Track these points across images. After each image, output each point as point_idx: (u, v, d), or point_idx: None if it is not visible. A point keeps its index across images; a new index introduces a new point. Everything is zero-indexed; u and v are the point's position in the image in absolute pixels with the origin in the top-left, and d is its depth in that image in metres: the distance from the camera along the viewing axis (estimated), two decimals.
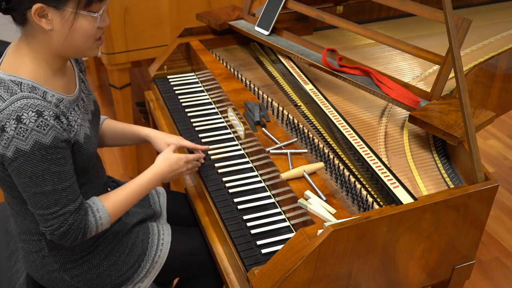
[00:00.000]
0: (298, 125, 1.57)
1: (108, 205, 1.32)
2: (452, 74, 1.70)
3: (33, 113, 1.15)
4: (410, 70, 1.89)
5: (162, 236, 1.52)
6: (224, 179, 1.51)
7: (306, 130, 1.56)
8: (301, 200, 1.29)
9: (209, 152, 1.62)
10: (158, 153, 1.53)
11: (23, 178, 1.18)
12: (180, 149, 1.63)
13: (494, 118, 1.48)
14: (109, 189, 1.54)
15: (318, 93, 1.68)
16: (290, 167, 1.38)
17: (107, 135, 1.60)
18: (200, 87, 1.96)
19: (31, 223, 1.35)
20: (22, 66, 1.22)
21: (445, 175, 1.40)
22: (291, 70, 1.83)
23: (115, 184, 1.60)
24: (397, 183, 1.32)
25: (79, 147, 1.28)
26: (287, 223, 1.36)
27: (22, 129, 1.14)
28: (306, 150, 1.44)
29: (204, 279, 1.60)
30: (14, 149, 1.15)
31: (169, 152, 1.48)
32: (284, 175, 1.35)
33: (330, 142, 1.55)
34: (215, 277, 1.60)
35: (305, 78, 1.77)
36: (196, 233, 1.59)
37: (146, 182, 1.40)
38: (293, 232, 1.34)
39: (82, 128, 1.30)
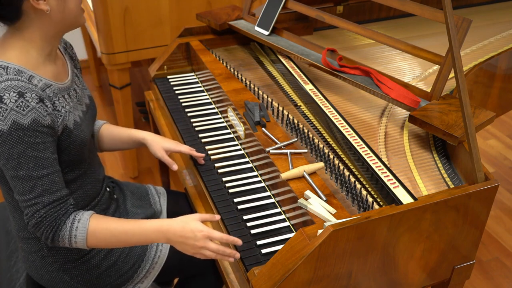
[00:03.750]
0: (298, 125, 1.57)
1: (92, 224, 1.23)
2: (452, 74, 1.70)
3: (15, 94, 1.15)
4: (410, 70, 1.89)
5: None
6: (224, 179, 1.51)
7: (306, 130, 1.56)
8: (301, 200, 1.29)
9: (209, 152, 1.62)
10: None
11: (2, 160, 1.18)
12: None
13: (494, 118, 1.48)
14: (108, 189, 1.54)
15: (318, 93, 1.68)
16: (290, 167, 1.38)
17: (105, 139, 1.60)
18: (200, 87, 1.96)
19: None
20: (9, 53, 1.23)
21: (445, 175, 1.40)
22: (291, 70, 1.83)
23: (114, 184, 1.60)
24: (397, 183, 1.32)
25: (69, 133, 1.27)
26: (287, 223, 1.36)
27: (2, 109, 1.14)
28: (306, 150, 1.44)
29: (204, 279, 1.60)
30: None
31: (193, 217, 1.26)
32: (284, 175, 1.35)
33: (330, 142, 1.55)
34: (214, 277, 1.60)
35: (305, 78, 1.77)
36: None
37: (146, 231, 1.25)
38: (293, 232, 1.34)
39: (71, 114, 1.30)
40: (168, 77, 2.02)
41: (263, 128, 1.52)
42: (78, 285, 1.41)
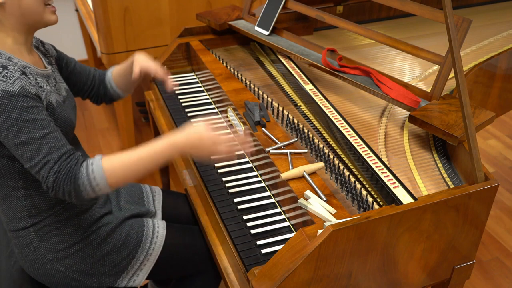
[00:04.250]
0: (298, 125, 1.57)
1: (106, 161, 1.22)
2: (452, 74, 1.70)
3: None
4: (410, 70, 1.89)
5: (157, 229, 1.52)
6: (224, 179, 1.51)
7: (306, 130, 1.56)
8: (301, 200, 1.29)
9: None
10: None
11: (2, 132, 1.20)
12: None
13: (494, 118, 1.48)
14: None
15: (318, 93, 1.68)
16: (290, 167, 1.38)
17: (119, 79, 1.63)
18: (200, 87, 1.96)
19: (16, 206, 1.35)
20: None
21: (445, 175, 1.40)
22: (291, 70, 1.83)
23: None
24: (397, 183, 1.32)
25: (53, 110, 1.30)
26: (287, 223, 1.36)
27: None
28: (306, 150, 1.44)
29: (202, 278, 1.60)
30: None
31: (203, 123, 1.28)
32: (284, 175, 1.35)
33: (330, 142, 1.55)
34: (213, 276, 1.60)
35: (305, 78, 1.77)
36: (194, 230, 1.59)
37: (160, 150, 1.25)
38: (293, 232, 1.34)
39: (53, 94, 1.33)
40: (168, 77, 2.01)
41: (263, 128, 1.52)
42: (74, 275, 1.42)
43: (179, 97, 1.89)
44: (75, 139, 1.49)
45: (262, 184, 1.49)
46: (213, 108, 1.83)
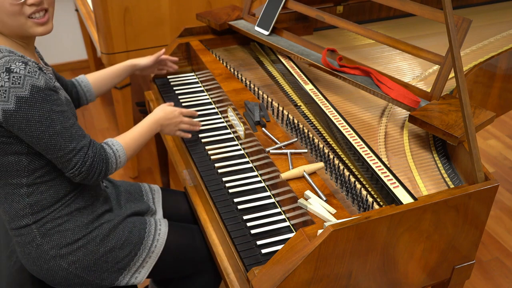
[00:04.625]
0: (298, 125, 1.57)
1: (120, 141, 1.43)
2: (452, 74, 1.70)
3: (20, 63, 1.23)
4: (410, 70, 1.89)
5: (159, 227, 1.52)
6: (224, 179, 1.51)
7: (306, 130, 1.56)
8: (301, 200, 1.29)
9: (209, 152, 1.62)
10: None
11: (34, 126, 1.24)
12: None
13: (494, 118, 1.48)
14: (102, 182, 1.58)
15: (318, 93, 1.68)
16: (290, 167, 1.38)
17: (99, 82, 1.73)
18: (200, 87, 1.96)
19: (18, 204, 1.36)
20: None
21: (445, 175, 1.40)
22: (291, 70, 1.83)
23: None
24: (397, 183, 1.32)
25: (68, 104, 1.37)
26: (287, 223, 1.36)
27: (16, 77, 1.20)
28: (306, 150, 1.44)
29: (202, 278, 1.60)
30: (15, 99, 1.20)
31: (165, 104, 1.61)
32: (284, 175, 1.35)
33: (330, 142, 1.55)
34: (213, 276, 1.60)
35: (305, 78, 1.77)
36: (194, 229, 1.60)
37: (148, 125, 1.52)
38: (293, 232, 1.34)
39: (61, 91, 1.39)
40: (168, 77, 2.02)
41: (263, 128, 1.52)
42: (77, 272, 1.42)
43: (179, 97, 1.90)
44: None
45: (262, 184, 1.49)
46: (213, 108, 1.83)
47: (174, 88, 1.95)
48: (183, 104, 1.85)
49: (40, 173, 1.34)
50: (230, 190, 1.47)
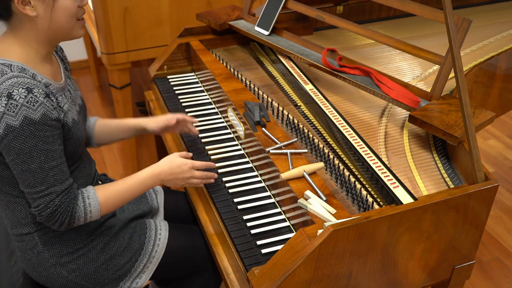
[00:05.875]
0: (298, 125, 1.57)
1: (100, 195, 1.32)
2: (452, 74, 1.70)
3: (23, 90, 1.18)
4: (410, 70, 1.89)
5: (160, 232, 1.52)
6: (224, 179, 1.51)
7: (306, 130, 1.56)
8: (301, 200, 1.29)
9: (209, 152, 1.62)
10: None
11: (12, 155, 1.21)
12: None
13: (494, 118, 1.48)
14: (99, 182, 1.56)
15: (318, 93, 1.68)
16: (290, 167, 1.38)
17: (103, 134, 1.63)
18: (200, 87, 1.96)
19: (20, 213, 1.36)
20: (11, 51, 1.27)
21: (445, 175, 1.40)
22: (291, 70, 1.83)
23: (105, 177, 1.62)
24: (397, 183, 1.32)
25: (68, 130, 1.31)
26: (287, 223, 1.36)
27: (13, 105, 1.17)
28: (306, 150, 1.44)
29: (202, 278, 1.60)
30: (4, 126, 1.18)
31: (174, 155, 1.44)
32: (284, 175, 1.35)
33: (330, 142, 1.55)
34: (213, 276, 1.60)
35: (305, 78, 1.77)
36: (194, 230, 1.60)
37: (143, 179, 1.39)
38: (293, 232, 1.34)
39: (70, 112, 1.33)
40: (168, 77, 2.02)
41: (263, 128, 1.52)
42: (77, 280, 1.42)
43: (179, 97, 1.90)
44: (84, 150, 1.50)
45: (262, 184, 1.49)
46: (213, 108, 1.83)
47: (174, 88, 1.95)
48: (183, 104, 1.85)
49: (27, 198, 1.30)
50: (230, 190, 1.47)
